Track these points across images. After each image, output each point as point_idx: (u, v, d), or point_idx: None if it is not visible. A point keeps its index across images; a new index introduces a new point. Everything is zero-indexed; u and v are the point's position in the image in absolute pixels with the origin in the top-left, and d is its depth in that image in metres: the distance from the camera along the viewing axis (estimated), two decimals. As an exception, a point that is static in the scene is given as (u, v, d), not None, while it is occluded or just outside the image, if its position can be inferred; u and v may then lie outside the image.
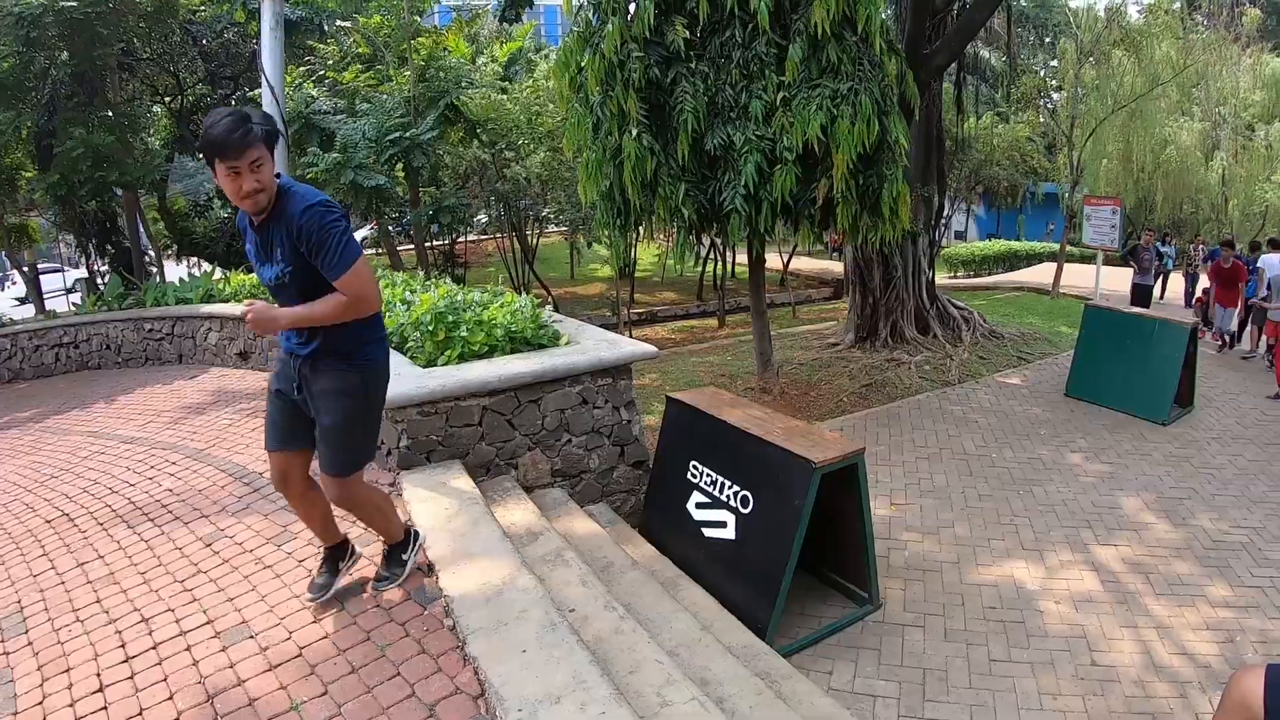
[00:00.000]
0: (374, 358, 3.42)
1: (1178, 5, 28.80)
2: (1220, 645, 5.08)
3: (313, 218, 3.05)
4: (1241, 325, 14.76)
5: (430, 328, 5.96)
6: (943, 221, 18.28)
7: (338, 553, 3.82)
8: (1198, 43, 27.03)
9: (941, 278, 27.27)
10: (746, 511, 5.10)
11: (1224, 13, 33.93)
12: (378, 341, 3.45)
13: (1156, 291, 18.94)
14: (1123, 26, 23.79)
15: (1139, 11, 29.03)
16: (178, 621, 3.75)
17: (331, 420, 3.32)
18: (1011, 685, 4.64)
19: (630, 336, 18.01)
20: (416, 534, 3.92)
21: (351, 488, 3.48)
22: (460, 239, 23.36)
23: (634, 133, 7.94)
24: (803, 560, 5.30)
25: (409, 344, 6.16)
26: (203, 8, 19.44)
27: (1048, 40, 38.92)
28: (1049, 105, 33.65)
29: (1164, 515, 6.97)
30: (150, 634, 3.67)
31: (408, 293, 7.30)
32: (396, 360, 5.84)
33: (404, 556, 3.83)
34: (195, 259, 22.90)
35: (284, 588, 3.99)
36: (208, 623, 3.72)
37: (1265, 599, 5.64)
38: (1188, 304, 18.37)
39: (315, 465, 3.51)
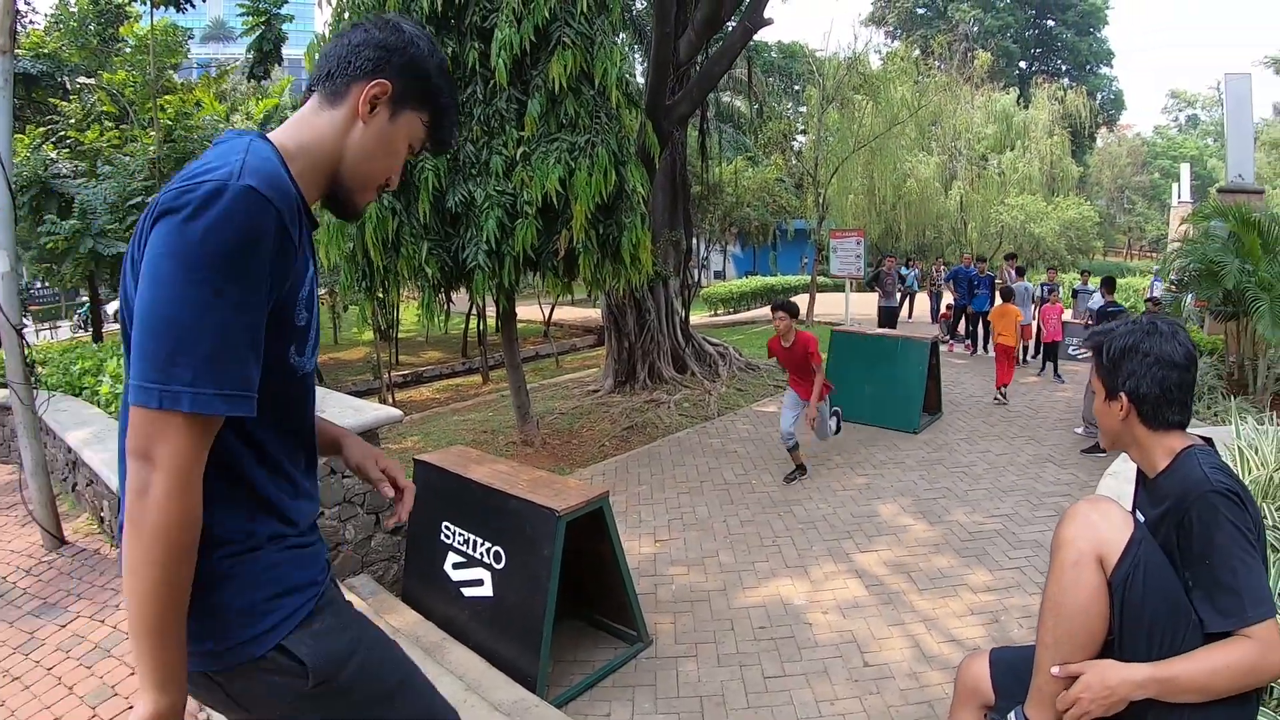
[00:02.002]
0: None
1: (915, 52, 31.24)
2: (987, 627, 5.35)
3: None
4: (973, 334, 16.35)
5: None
6: (696, 262, 18.98)
7: None
8: (932, 85, 29.38)
9: (703, 317, 28.27)
10: (500, 567, 5.11)
11: (956, 57, 37.13)
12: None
13: (904, 312, 20.44)
14: (862, 73, 25.48)
15: (879, 59, 31.30)
16: None
17: None
18: (789, 698, 4.71)
19: (394, 400, 17.76)
20: None
21: None
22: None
23: (374, 193, 7.86)
24: (568, 608, 5.38)
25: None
26: (-58, 57, 17.96)
27: (795, 88, 41.31)
28: (796, 148, 35.66)
29: (921, 516, 7.35)
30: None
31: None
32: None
33: None
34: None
35: (34, 699, 3.74)
36: None
37: (1024, 577, 6.03)
38: (934, 319, 19.90)
39: None
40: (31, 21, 21.36)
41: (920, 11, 61.88)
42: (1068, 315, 15.34)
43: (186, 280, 1.33)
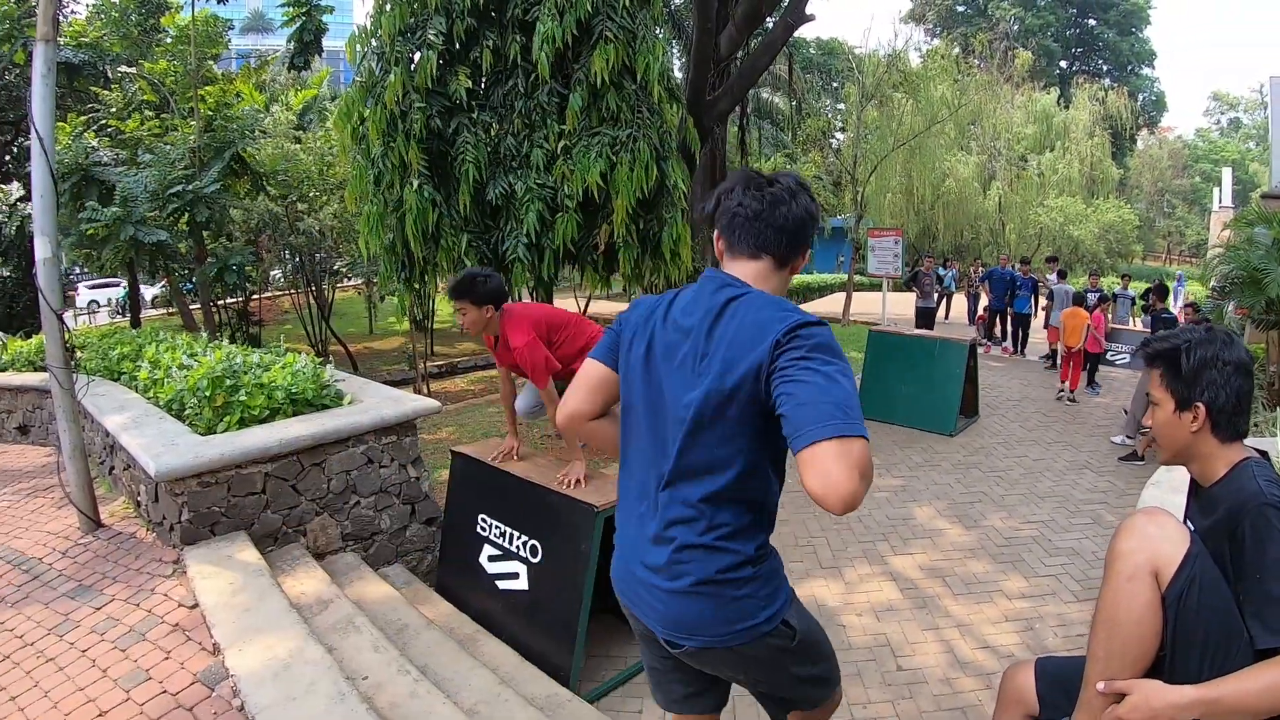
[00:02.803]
0: None
1: (955, 50, 30.96)
2: (1021, 635, 5.29)
3: None
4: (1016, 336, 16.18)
5: (207, 393, 5.73)
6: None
7: None
8: (972, 83, 29.09)
9: (736, 313, 28.14)
10: (536, 560, 5.08)
11: (997, 56, 36.77)
12: None
13: (941, 313, 20.24)
14: (902, 71, 25.27)
15: (919, 57, 31.00)
16: None
17: None
18: None
19: (429, 390, 17.79)
20: None
21: None
22: (255, 296, 22.56)
23: (415, 184, 7.86)
24: (605, 603, 5.34)
25: (188, 411, 5.91)
26: (-19, 47, 18.27)
27: (834, 85, 41.10)
28: (834, 145, 35.44)
29: (956, 520, 7.26)
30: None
31: (186, 357, 6.99)
32: (175, 429, 5.59)
33: None
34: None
35: (67, 680, 3.74)
36: None
37: (1059, 585, 5.96)
38: (971, 321, 19.67)
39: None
40: (73, 11, 21.64)
41: (960, 9, 61.34)
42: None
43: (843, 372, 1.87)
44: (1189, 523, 2.27)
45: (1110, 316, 16.00)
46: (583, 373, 2.41)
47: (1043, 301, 17.28)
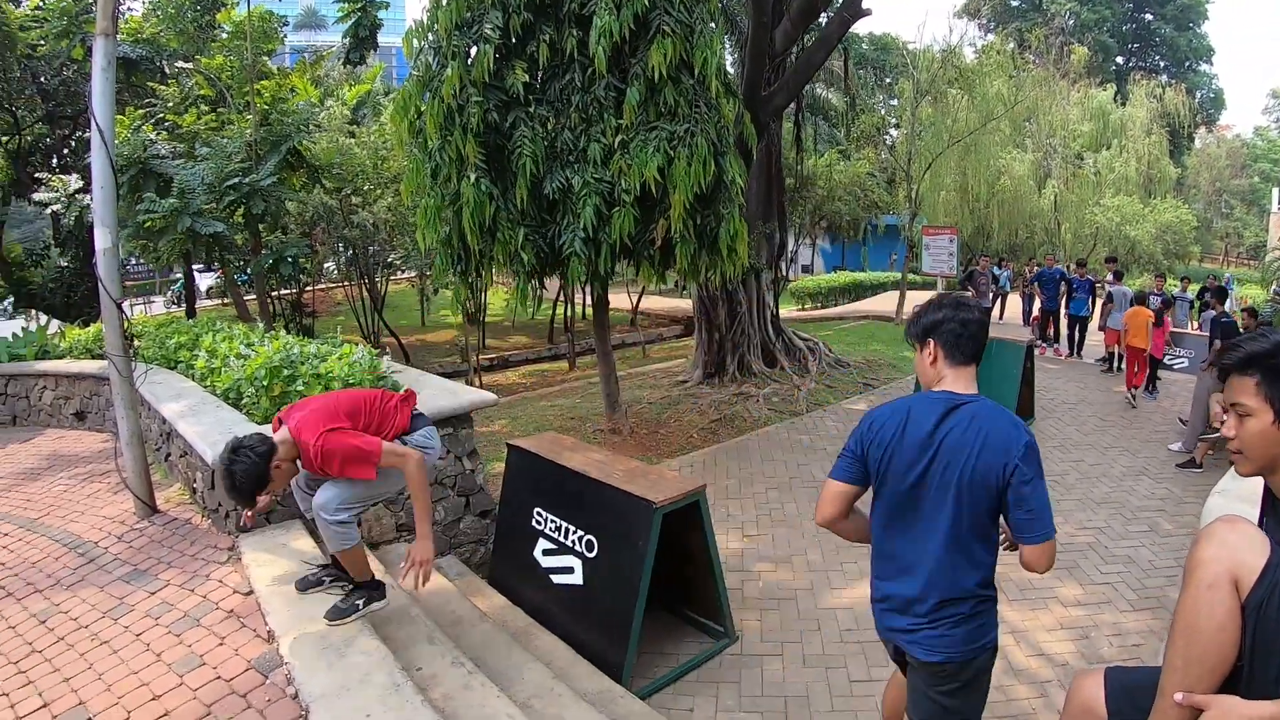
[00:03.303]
0: None
1: (1011, 46, 30.47)
2: (1076, 643, 5.25)
3: None
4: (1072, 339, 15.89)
5: (265, 383, 5.77)
6: (787, 256, 18.81)
7: None
8: (1028, 79, 28.60)
9: (791, 311, 28.02)
10: (592, 556, 5.06)
11: (1053, 51, 36.14)
12: None
13: (995, 313, 19.93)
14: (957, 66, 24.90)
15: (974, 52, 30.55)
16: (13, 706, 3.54)
17: None
18: (874, 704, 4.64)
19: (480, 383, 17.89)
20: None
21: None
22: (309, 288, 22.80)
23: (472, 178, 7.84)
24: (657, 599, 5.30)
25: (245, 400, 5.96)
26: (41, 42, 18.61)
27: (887, 81, 40.67)
28: (888, 142, 35.05)
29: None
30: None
31: (243, 346, 7.05)
32: (232, 417, 5.64)
33: None
34: (32, 311, 21.72)
35: (121, 664, 3.78)
36: (43, 706, 3.52)
37: (1115, 593, 5.89)
38: (1025, 322, 19.36)
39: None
40: (130, 8, 22.02)
41: (1015, 4, 60.32)
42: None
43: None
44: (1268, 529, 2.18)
45: (1170, 320, 15.68)
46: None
47: (1099, 303, 16.98)
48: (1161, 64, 60.67)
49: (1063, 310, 16.38)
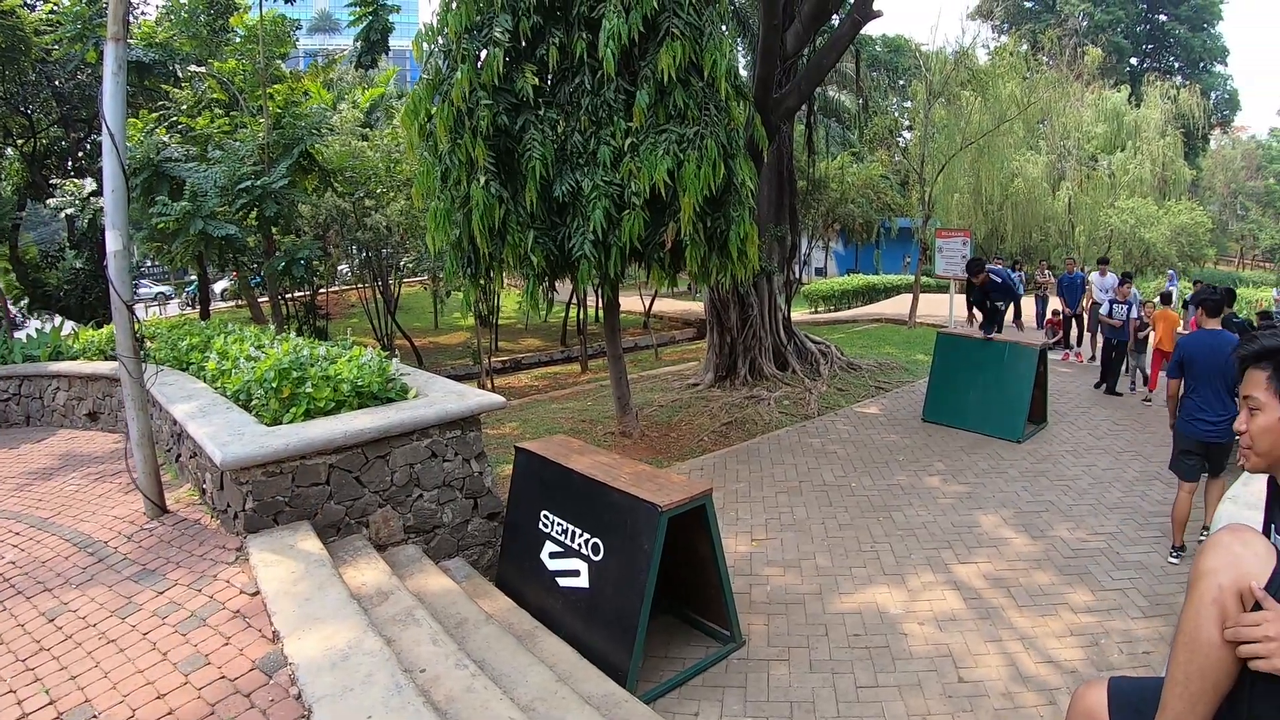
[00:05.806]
0: None
1: (1024, 47, 30.39)
2: (1086, 650, 5.21)
3: None
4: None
5: (274, 385, 5.78)
6: (799, 259, 18.77)
7: None
8: (1041, 81, 28.51)
9: (803, 314, 27.98)
10: (598, 559, 5.06)
11: (1066, 53, 36.00)
12: None
13: (1010, 315, 19.81)
14: (970, 68, 24.83)
15: (987, 54, 30.46)
16: (20, 703, 3.55)
17: None
18: (880, 710, 4.64)
19: (492, 385, 17.93)
20: None
21: None
22: (322, 290, 22.89)
23: (482, 180, 7.84)
24: (663, 603, 5.29)
25: (254, 401, 5.97)
26: (56, 46, 18.74)
27: (900, 83, 40.57)
28: (901, 144, 34.97)
29: (1022, 529, 7.16)
30: (-8, 716, 3.44)
31: (253, 348, 7.07)
32: (241, 419, 5.66)
33: None
34: (48, 312, 21.90)
35: (128, 662, 3.80)
36: (50, 703, 3.53)
37: (1126, 600, 5.83)
38: (1039, 325, 19.27)
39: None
40: (143, 12, 22.13)
41: (1028, 5, 60.08)
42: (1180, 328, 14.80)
43: None
44: (1275, 532, 2.18)
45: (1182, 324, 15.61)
46: None
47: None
48: (1176, 65, 60.31)
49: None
